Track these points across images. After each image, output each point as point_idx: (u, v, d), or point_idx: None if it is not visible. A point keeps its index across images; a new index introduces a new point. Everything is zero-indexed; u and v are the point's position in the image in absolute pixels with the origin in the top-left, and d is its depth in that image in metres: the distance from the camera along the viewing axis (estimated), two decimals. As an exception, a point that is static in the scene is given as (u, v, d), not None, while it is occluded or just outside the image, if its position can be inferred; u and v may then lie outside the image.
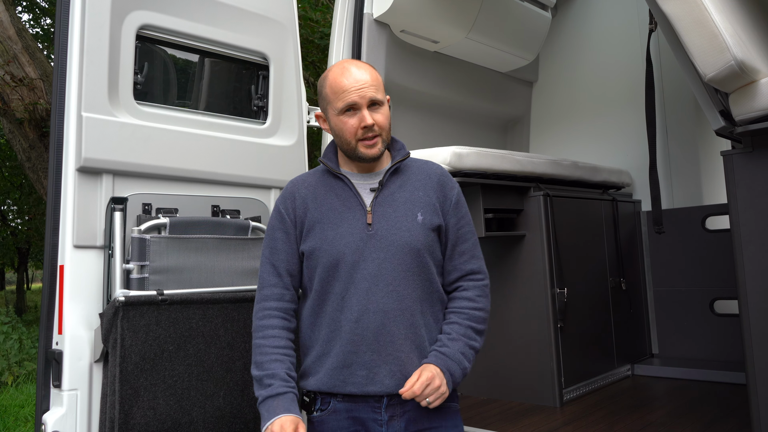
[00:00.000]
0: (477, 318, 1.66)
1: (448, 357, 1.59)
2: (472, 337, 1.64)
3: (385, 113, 1.66)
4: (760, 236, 1.59)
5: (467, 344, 1.63)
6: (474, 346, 1.64)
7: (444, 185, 1.72)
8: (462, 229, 1.71)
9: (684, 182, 3.54)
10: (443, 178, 1.74)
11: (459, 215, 1.72)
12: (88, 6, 2.03)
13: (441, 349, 1.60)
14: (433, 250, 1.65)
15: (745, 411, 2.52)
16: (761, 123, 1.55)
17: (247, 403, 2.17)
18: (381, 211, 1.63)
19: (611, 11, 3.92)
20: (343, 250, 1.59)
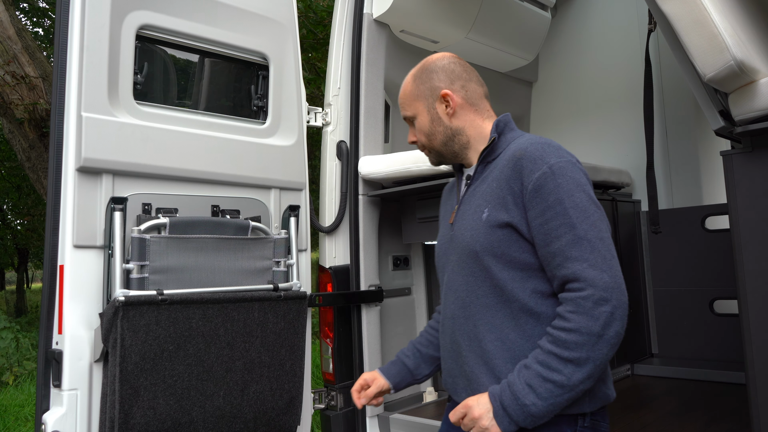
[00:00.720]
0: (563, 342, 1.27)
1: (508, 387, 1.32)
2: (552, 367, 1.27)
3: (421, 126, 1.59)
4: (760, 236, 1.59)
5: (540, 375, 1.28)
6: (552, 379, 1.27)
7: (521, 170, 1.38)
8: (548, 224, 1.33)
9: (683, 182, 3.54)
10: (521, 161, 1.39)
11: (542, 206, 1.34)
12: (88, 6, 2.03)
13: (509, 376, 1.34)
14: (501, 251, 1.39)
15: (744, 411, 2.52)
16: (761, 123, 1.55)
17: (247, 403, 2.17)
18: (463, 208, 1.52)
19: (611, 11, 3.92)
20: (437, 252, 1.65)
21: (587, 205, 1.33)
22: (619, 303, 1.26)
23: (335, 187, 2.89)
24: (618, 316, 1.26)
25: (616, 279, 1.28)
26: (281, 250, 2.38)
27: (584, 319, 1.26)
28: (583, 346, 1.26)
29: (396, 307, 3.09)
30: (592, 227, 1.31)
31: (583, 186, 1.36)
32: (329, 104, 2.94)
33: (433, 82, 1.57)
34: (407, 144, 3.30)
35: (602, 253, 1.29)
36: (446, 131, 1.57)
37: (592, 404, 1.39)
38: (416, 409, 2.87)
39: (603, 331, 1.25)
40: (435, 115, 1.57)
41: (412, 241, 3.00)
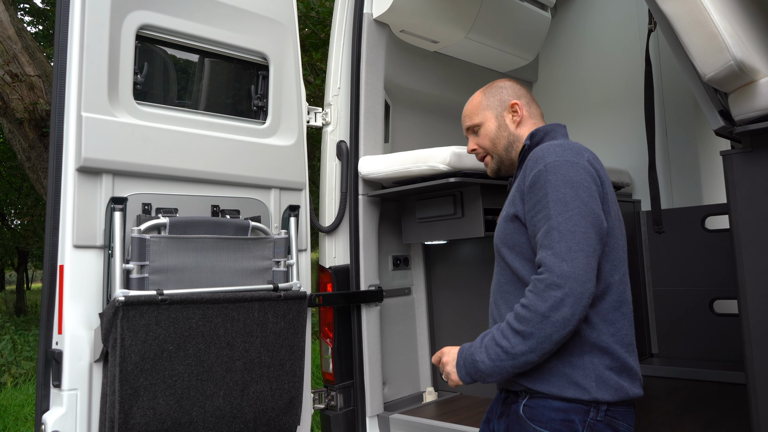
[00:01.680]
0: (517, 315, 1.43)
1: (471, 345, 1.53)
2: (504, 334, 1.45)
3: (487, 132, 1.79)
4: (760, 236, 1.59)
5: (494, 338, 1.46)
6: (501, 344, 1.44)
7: (526, 169, 1.56)
8: (535, 217, 1.48)
9: (683, 182, 3.54)
10: (529, 161, 1.56)
11: (533, 200, 1.50)
12: (88, 6, 2.03)
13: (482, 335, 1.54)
14: (513, 242, 1.56)
15: (744, 411, 2.52)
16: (761, 123, 1.55)
17: (247, 403, 2.17)
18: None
19: (611, 11, 3.92)
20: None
21: (570, 199, 1.43)
22: (571, 291, 1.36)
23: (335, 187, 2.89)
24: (568, 303, 1.36)
25: (576, 269, 1.37)
26: (281, 250, 2.38)
27: (535, 298, 1.40)
28: (530, 321, 1.40)
29: (396, 307, 3.09)
30: (566, 220, 1.41)
31: (572, 182, 1.45)
32: (329, 104, 2.94)
33: (503, 95, 1.80)
34: (407, 144, 3.30)
35: (569, 244, 1.39)
36: (509, 137, 1.77)
37: (601, 392, 1.43)
38: (416, 409, 2.87)
39: (549, 312, 1.37)
40: (502, 122, 1.77)
41: (412, 241, 3.00)
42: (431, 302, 3.26)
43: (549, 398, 1.46)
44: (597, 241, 1.43)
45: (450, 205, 2.79)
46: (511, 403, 1.57)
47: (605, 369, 1.45)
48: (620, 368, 1.47)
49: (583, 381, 1.43)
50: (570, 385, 1.44)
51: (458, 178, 2.60)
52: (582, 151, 1.54)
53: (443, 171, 2.59)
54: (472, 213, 2.72)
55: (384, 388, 2.90)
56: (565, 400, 1.44)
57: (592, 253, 1.40)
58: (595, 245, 1.42)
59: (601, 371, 1.45)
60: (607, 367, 1.46)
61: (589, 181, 1.48)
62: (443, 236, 2.86)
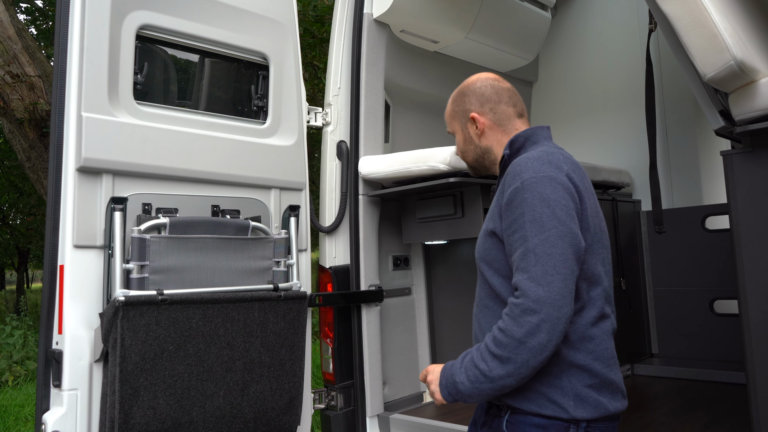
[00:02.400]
0: (494, 338, 1.40)
1: (452, 365, 1.51)
2: (483, 356, 1.42)
3: (457, 143, 1.79)
4: (760, 236, 1.59)
5: (473, 360, 1.45)
6: (479, 367, 1.42)
7: (504, 184, 1.52)
8: (512, 236, 1.44)
9: (684, 182, 3.54)
10: (507, 176, 1.52)
11: (510, 218, 1.46)
12: (88, 6, 2.03)
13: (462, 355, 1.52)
14: (492, 258, 1.53)
15: (745, 411, 2.52)
16: (761, 123, 1.55)
17: (247, 403, 2.17)
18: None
19: (611, 11, 3.92)
20: None
21: (546, 219, 1.39)
22: (547, 317, 1.33)
23: (335, 187, 2.89)
24: (544, 329, 1.33)
25: (552, 294, 1.34)
26: (281, 250, 2.38)
27: (511, 322, 1.37)
28: (506, 346, 1.37)
29: (396, 307, 3.09)
30: (543, 242, 1.37)
31: (549, 201, 1.41)
32: (329, 104, 2.94)
33: (465, 105, 1.73)
34: (407, 144, 3.30)
35: (545, 267, 1.35)
36: (476, 149, 1.73)
37: (580, 410, 1.41)
38: (416, 409, 2.87)
39: (525, 338, 1.34)
40: (467, 135, 1.74)
41: (412, 241, 3.00)
42: (431, 302, 3.26)
43: (529, 415, 1.45)
44: (574, 262, 1.39)
45: (450, 205, 2.79)
46: (494, 416, 1.56)
47: (583, 387, 1.43)
48: (599, 384, 1.45)
49: (561, 400, 1.42)
50: (549, 403, 1.43)
51: (458, 178, 2.60)
52: (562, 164, 1.49)
53: (443, 171, 2.59)
54: (472, 213, 2.72)
55: (384, 388, 2.90)
56: (545, 417, 1.43)
57: (570, 275, 1.37)
58: (572, 266, 1.38)
59: (579, 389, 1.43)
60: (586, 385, 1.43)
61: (567, 198, 1.43)
62: (443, 236, 2.86)
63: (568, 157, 1.56)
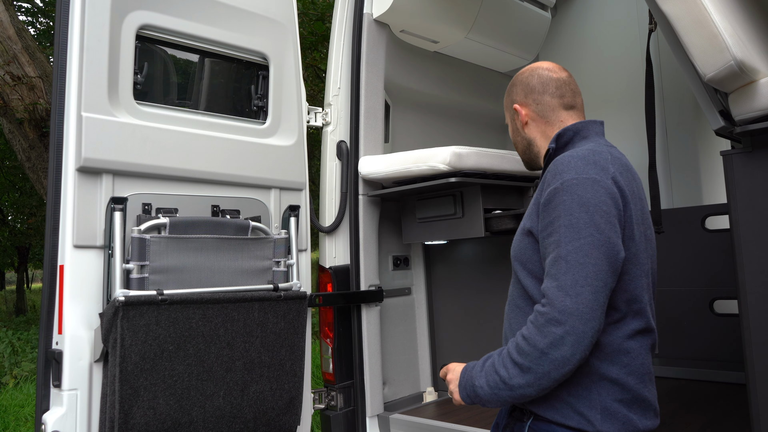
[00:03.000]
0: (517, 346, 1.35)
1: (473, 367, 1.47)
2: (504, 363, 1.38)
3: (510, 134, 1.75)
4: (760, 236, 1.59)
5: (494, 366, 1.40)
6: (500, 373, 1.37)
7: (546, 181, 1.45)
8: (547, 239, 1.38)
9: (684, 182, 3.54)
10: (548, 173, 1.45)
11: (547, 220, 1.39)
12: (88, 6, 2.03)
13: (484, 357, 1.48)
14: (527, 259, 1.47)
15: (745, 411, 2.52)
16: (761, 123, 1.55)
17: (247, 403, 2.17)
18: None
19: (611, 11, 3.92)
20: None
21: (582, 226, 1.32)
22: (573, 330, 1.27)
23: (335, 187, 2.89)
24: (568, 342, 1.27)
25: (579, 306, 1.27)
26: (281, 250, 2.38)
27: (535, 331, 1.31)
28: (528, 355, 1.32)
29: (396, 307, 3.09)
30: (576, 250, 1.30)
31: (589, 205, 1.33)
32: (329, 104, 2.94)
33: (512, 95, 1.71)
34: (407, 144, 3.30)
35: (575, 277, 1.29)
36: (523, 141, 1.70)
37: (607, 425, 1.35)
38: (416, 409, 2.87)
39: (548, 349, 1.29)
40: (515, 126, 1.71)
41: (412, 241, 3.00)
42: (431, 302, 3.26)
43: (553, 424, 1.39)
44: (609, 274, 1.31)
45: (450, 205, 2.79)
46: (516, 419, 1.52)
47: (613, 401, 1.37)
48: (631, 400, 1.38)
49: (587, 412, 1.36)
50: (575, 414, 1.37)
51: (458, 178, 2.60)
52: (608, 165, 1.40)
53: (443, 171, 2.59)
54: (472, 213, 2.72)
55: (384, 388, 2.90)
56: (570, 428, 1.37)
57: (602, 287, 1.29)
58: (606, 278, 1.30)
59: (609, 403, 1.36)
60: (616, 399, 1.37)
61: (609, 203, 1.34)
62: (443, 236, 2.86)
63: (618, 157, 1.47)
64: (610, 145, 1.54)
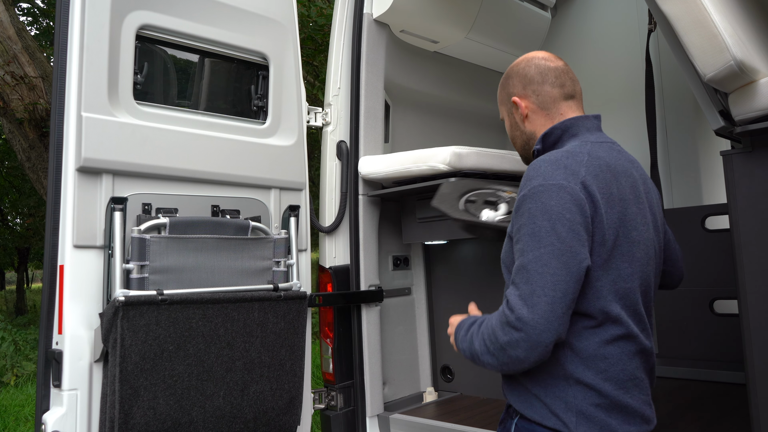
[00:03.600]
0: (489, 330, 1.39)
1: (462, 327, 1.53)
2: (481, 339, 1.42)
3: (507, 130, 1.68)
4: (760, 236, 1.59)
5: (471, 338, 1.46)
6: (474, 345, 1.43)
7: (520, 187, 1.44)
8: (515, 246, 1.39)
9: (684, 182, 3.54)
10: (523, 178, 1.43)
11: (515, 226, 1.40)
12: (88, 6, 2.03)
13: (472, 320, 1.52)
14: (510, 262, 1.46)
15: (745, 411, 2.52)
16: (761, 123, 1.55)
17: (247, 403, 2.17)
18: None
19: (611, 11, 3.92)
20: None
21: (544, 234, 1.31)
22: (528, 337, 1.29)
23: (335, 187, 2.89)
24: (523, 347, 1.30)
25: (534, 317, 1.28)
26: (281, 250, 2.38)
27: (498, 326, 1.35)
28: (493, 344, 1.37)
29: (396, 307, 3.09)
30: (536, 259, 1.31)
31: (551, 213, 1.32)
32: (329, 104, 2.94)
33: (509, 88, 1.64)
34: (407, 144, 3.30)
35: (533, 287, 1.29)
36: (522, 136, 1.64)
37: (583, 428, 1.35)
38: (416, 409, 2.87)
39: (506, 346, 1.33)
40: (513, 121, 1.65)
41: (412, 241, 3.00)
42: (431, 302, 3.26)
43: (534, 423, 1.41)
44: (569, 283, 1.29)
45: (450, 205, 2.78)
46: (509, 416, 1.54)
47: (589, 405, 1.36)
48: (610, 405, 1.36)
49: (563, 415, 1.36)
50: (551, 415, 1.38)
51: (458, 178, 2.60)
52: (580, 168, 1.37)
53: (443, 171, 2.59)
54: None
55: (384, 388, 2.90)
56: (548, 429, 1.38)
57: (560, 297, 1.28)
58: (565, 287, 1.29)
59: (585, 407, 1.36)
60: (593, 404, 1.36)
61: (573, 210, 1.32)
62: (443, 236, 2.86)
63: (601, 156, 1.44)
64: (601, 141, 1.51)
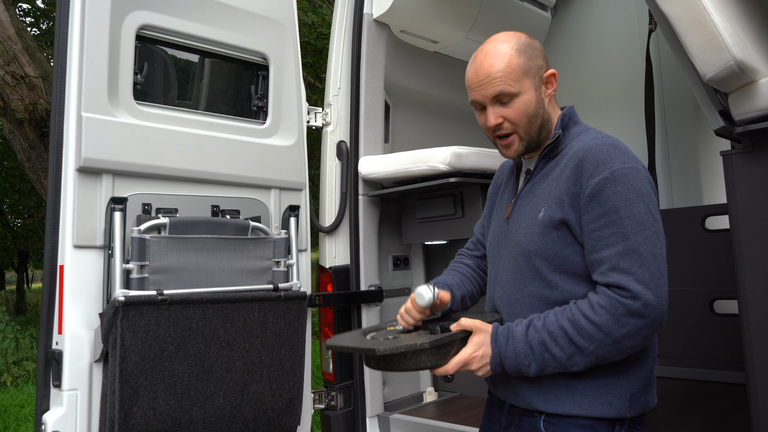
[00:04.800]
0: (579, 327, 1.28)
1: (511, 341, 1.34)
2: (558, 341, 1.29)
3: (525, 108, 1.41)
4: (760, 236, 1.59)
5: (544, 342, 1.30)
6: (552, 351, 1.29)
7: (581, 172, 1.34)
8: (600, 231, 1.30)
9: (683, 182, 3.54)
10: (583, 162, 1.34)
11: (598, 211, 1.30)
12: (88, 6, 2.03)
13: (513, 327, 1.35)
14: (555, 253, 1.37)
15: (745, 411, 2.52)
16: (761, 123, 1.55)
17: (247, 403, 2.17)
18: (520, 203, 1.49)
19: (611, 11, 3.92)
20: (489, 243, 1.62)
21: (644, 217, 1.29)
22: (652, 322, 1.26)
23: (335, 187, 2.89)
24: (644, 333, 1.27)
25: (660, 299, 1.26)
26: (281, 250, 2.38)
27: (611, 320, 1.26)
28: (596, 341, 1.27)
29: (396, 307, 3.09)
30: (645, 241, 1.28)
31: (644, 196, 1.31)
32: (329, 104, 2.94)
33: (539, 60, 1.45)
34: (407, 144, 3.30)
35: (651, 270, 1.27)
36: (544, 115, 1.46)
37: (632, 410, 1.37)
38: (416, 409, 2.87)
39: (623, 339, 1.26)
40: (540, 98, 1.45)
41: (412, 241, 3.00)
42: (431, 302, 3.25)
43: (574, 416, 1.36)
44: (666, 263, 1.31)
45: (450, 205, 2.79)
46: (521, 415, 1.46)
47: (639, 387, 1.38)
48: (649, 383, 1.41)
49: (617, 401, 1.35)
50: (602, 406, 1.35)
51: (458, 178, 2.60)
52: (634, 154, 1.37)
53: (443, 171, 2.59)
54: (472, 213, 2.72)
55: (384, 388, 2.90)
56: (592, 419, 1.35)
57: (667, 276, 1.29)
58: (666, 267, 1.30)
59: (635, 390, 1.37)
60: (642, 386, 1.38)
61: (652, 193, 1.33)
62: (443, 236, 2.86)
63: None
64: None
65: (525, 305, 1.43)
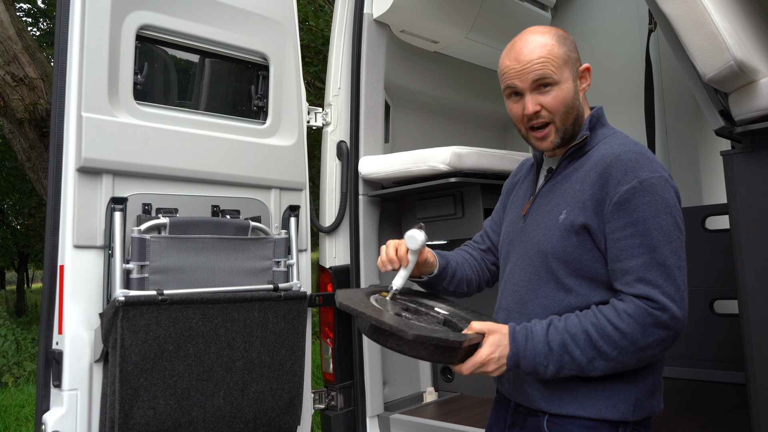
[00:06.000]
0: (604, 333, 1.27)
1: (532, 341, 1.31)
2: (580, 344, 1.28)
3: (564, 97, 1.39)
4: (760, 236, 1.59)
5: (565, 345, 1.29)
6: (573, 354, 1.28)
7: (608, 178, 1.32)
8: (626, 240, 1.29)
9: (684, 182, 3.54)
10: (610, 168, 1.33)
11: (624, 221, 1.29)
12: (88, 6, 2.03)
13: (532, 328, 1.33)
14: (574, 257, 1.36)
15: (745, 411, 2.52)
16: (761, 123, 1.55)
17: (247, 403, 2.17)
18: (539, 202, 1.48)
19: (610, 11, 3.92)
20: (502, 238, 1.61)
21: (671, 228, 1.29)
22: (675, 334, 1.28)
23: (335, 187, 2.89)
24: (666, 345, 1.29)
25: (684, 312, 1.28)
26: (281, 250, 2.38)
27: (637, 328, 1.26)
28: (619, 347, 1.27)
29: (396, 307, 3.08)
30: (672, 253, 1.28)
31: (671, 207, 1.30)
32: (329, 104, 2.94)
33: (576, 53, 1.45)
34: (407, 144, 3.30)
35: (677, 283, 1.28)
36: (579, 109, 1.44)
37: (636, 414, 1.36)
38: (416, 409, 2.87)
39: (646, 348, 1.27)
40: (577, 90, 1.43)
41: (412, 241, 2.99)
42: (431, 302, 3.25)
43: (576, 417, 1.37)
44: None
45: (450, 205, 2.79)
46: (526, 414, 1.46)
47: (645, 392, 1.38)
48: (656, 389, 1.40)
49: (621, 405, 1.35)
50: (605, 408, 1.35)
51: (458, 178, 2.60)
52: (661, 163, 1.37)
53: (443, 171, 2.59)
54: (473, 213, 2.72)
55: (384, 388, 2.90)
56: (595, 420, 1.36)
57: (687, 288, 1.31)
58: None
59: (641, 395, 1.37)
60: (648, 391, 1.38)
61: (678, 204, 1.33)
62: (443, 236, 2.86)
63: None
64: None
65: (537, 306, 1.42)
